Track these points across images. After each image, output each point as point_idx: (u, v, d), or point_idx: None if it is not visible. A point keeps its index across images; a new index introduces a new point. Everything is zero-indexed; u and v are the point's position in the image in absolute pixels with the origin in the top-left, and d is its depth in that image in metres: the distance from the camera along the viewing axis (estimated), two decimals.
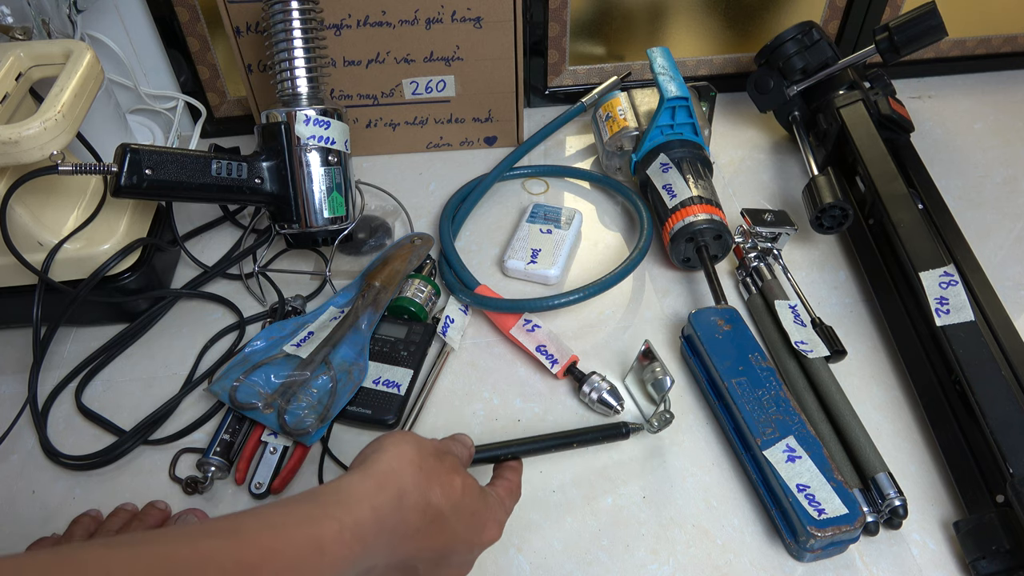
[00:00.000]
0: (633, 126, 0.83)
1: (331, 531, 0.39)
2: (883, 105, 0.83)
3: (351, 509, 0.41)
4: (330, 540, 0.39)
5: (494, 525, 0.50)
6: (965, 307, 0.63)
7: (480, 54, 0.85)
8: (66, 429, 0.67)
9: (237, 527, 0.38)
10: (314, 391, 0.65)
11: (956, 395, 0.62)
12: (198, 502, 0.62)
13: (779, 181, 0.90)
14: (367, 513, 0.41)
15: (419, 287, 0.73)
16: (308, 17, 0.71)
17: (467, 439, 0.54)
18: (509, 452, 0.57)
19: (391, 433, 0.48)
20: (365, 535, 0.41)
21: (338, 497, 0.42)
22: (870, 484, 0.59)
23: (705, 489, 0.61)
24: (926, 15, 0.78)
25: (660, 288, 0.77)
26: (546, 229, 0.80)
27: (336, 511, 0.40)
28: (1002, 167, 0.90)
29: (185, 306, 0.77)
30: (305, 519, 0.39)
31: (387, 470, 0.44)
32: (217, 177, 0.68)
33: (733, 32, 0.98)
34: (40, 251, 0.66)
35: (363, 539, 0.40)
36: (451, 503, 0.46)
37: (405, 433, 0.48)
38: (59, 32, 0.77)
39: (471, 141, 0.94)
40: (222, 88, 0.94)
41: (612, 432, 0.62)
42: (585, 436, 0.61)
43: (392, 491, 0.43)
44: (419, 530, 0.44)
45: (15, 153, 0.59)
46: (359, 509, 0.41)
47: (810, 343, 0.67)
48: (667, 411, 0.62)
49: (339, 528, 0.39)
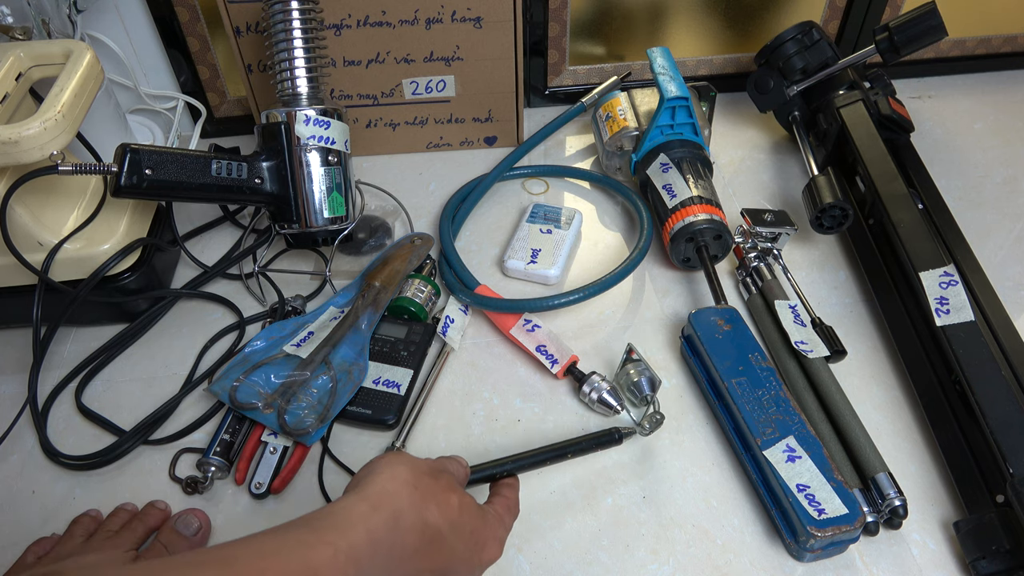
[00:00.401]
0: (633, 126, 0.83)
1: (325, 556, 0.39)
2: (883, 105, 0.83)
3: (345, 533, 0.40)
4: (324, 565, 0.38)
5: (494, 543, 0.49)
6: (965, 307, 0.63)
7: (480, 54, 0.85)
8: (66, 429, 0.67)
9: (229, 556, 0.38)
10: (314, 391, 0.65)
11: (956, 395, 0.62)
12: (198, 502, 0.62)
13: (779, 181, 0.90)
14: (362, 536, 0.41)
15: (419, 287, 0.73)
16: (308, 17, 0.71)
17: (462, 459, 0.54)
18: (504, 470, 0.56)
19: (384, 455, 0.48)
20: (360, 558, 0.40)
21: (332, 521, 0.41)
22: (870, 484, 0.59)
23: (705, 489, 0.61)
24: (926, 15, 0.78)
25: (660, 288, 0.77)
26: (546, 229, 0.80)
27: (330, 535, 0.40)
28: (1002, 167, 0.90)
29: (185, 306, 0.77)
30: (298, 545, 0.39)
31: (381, 491, 0.43)
32: (217, 177, 0.68)
33: (733, 32, 0.98)
34: (40, 251, 0.66)
35: (358, 562, 0.40)
36: (448, 522, 0.45)
37: (398, 454, 0.48)
38: (59, 32, 0.77)
39: (471, 141, 0.94)
40: (222, 88, 0.94)
41: (605, 439, 0.61)
42: (579, 446, 0.60)
43: (387, 512, 0.42)
44: (417, 551, 0.43)
45: (15, 153, 0.59)
46: (353, 532, 0.40)
47: (810, 343, 0.67)
48: (657, 412, 0.62)
49: (333, 552, 0.39)
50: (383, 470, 0.45)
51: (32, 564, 0.56)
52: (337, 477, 0.63)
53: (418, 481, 0.45)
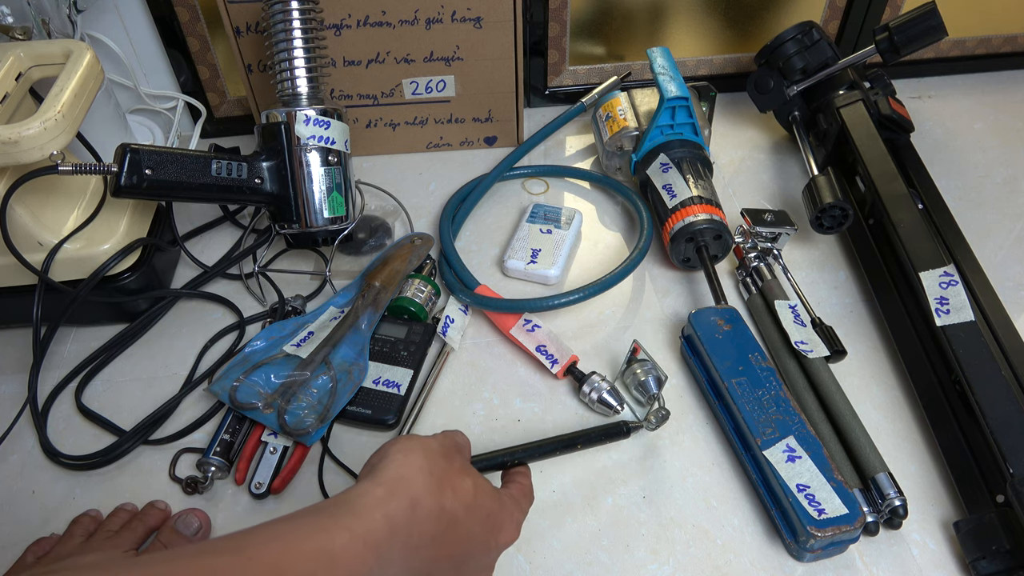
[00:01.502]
0: (633, 126, 0.83)
1: (342, 540, 0.38)
2: (883, 105, 0.83)
3: (362, 518, 0.40)
4: (341, 550, 0.38)
5: (511, 525, 0.48)
6: (965, 307, 0.63)
7: (480, 54, 0.85)
8: (66, 429, 0.67)
9: (243, 543, 0.37)
10: (314, 391, 0.65)
11: (956, 395, 0.62)
12: (198, 502, 0.62)
13: (779, 181, 0.90)
14: (379, 521, 0.40)
15: (419, 287, 0.73)
16: (308, 17, 0.71)
17: (461, 433, 0.53)
18: (515, 458, 0.56)
19: (396, 440, 0.47)
20: (378, 544, 0.39)
21: (348, 507, 0.40)
22: (870, 484, 0.59)
23: (705, 489, 0.61)
24: (926, 15, 0.78)
25: (660, 288, 0.77)
26: (546, 229, 0.80)
27: (346, 520, 0.39)
28: (1002, 167, 0.90)
29: (185, 306, 0.77)
30: (314, 530, 0.38)
31: (396, 477, 0.43)
32: (217, 177, 0.68)
33: (733, 32, 0.98)
34: (40, 251, 0.66)
35: (376, 548, 0.39)
36: (464, 506, 0.44)
37: (410, 438, 0.47)
38: (59, 32, 0.77)
39: (471, 141, 0.94)
40: (222, 88, 0.94)
41: (614, 431, 0.62)
42: (587, 436, 0.61)
43: (404, 499, 0.42)
44: (434, 538, 0.43)
45: (15, 153, 0.59)
46: (370, 517, 0.40)
47: (810, 343, 0.67)
48: (662, 407, 0.63)
49: (350, 537, 0.38)
50: (396, 455, 0.44)
51: (32, 564, 0.56)
52: (337, 477, 0.63)
53: (433, 466, 0.44)
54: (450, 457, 0.47)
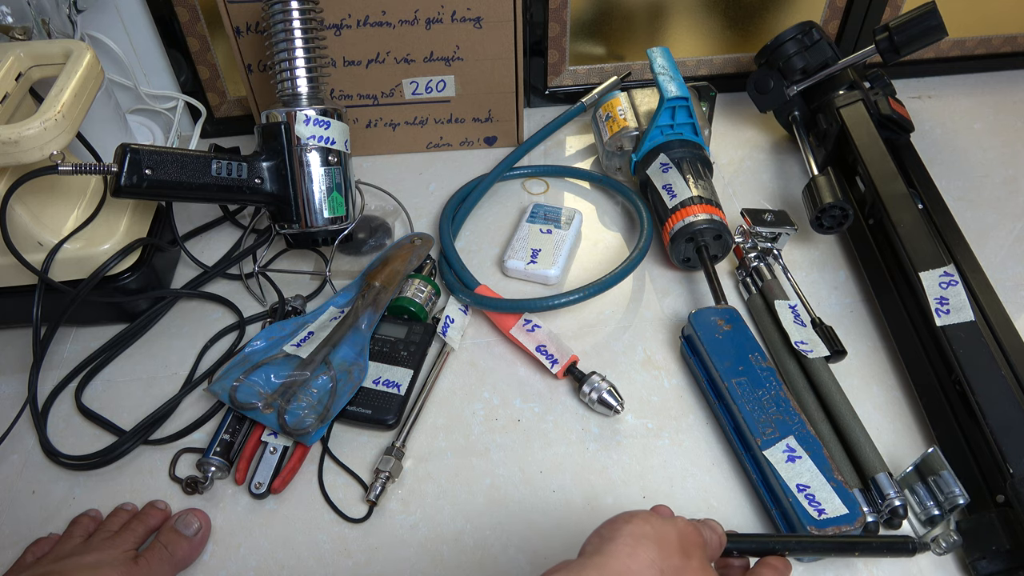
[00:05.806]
0: (633, 126, 0.83)
1: None
2: (883, 105, 0.83)
3: None
4: None
5: None
6: (965, 307, 0.63)
7: (480, 54, 0.85)
8: (66, 429, 0.67)
9: None
10: (314, 391, 0.65)
11: (956, 395, 0.62)
12: (198, 502, 0.62)
13: (779, 181, 0.90)
14: None
15: (419, 287, 0.73)
16: (308, 17, 0.71)
17: (718, 526, 0.46)
18: (780, 548, 0.49)
19: (631, 516, 0.41)
20: None
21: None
22: (870, 484, 0.58)
23: (705, 489, 0.61)
24: (926, 15, 0.78)
25: (660, 288, 0.77)
26: (546, 229, 0.80)
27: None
28: (1002, 167, 0.90)
29: (185, 306, 0.77)
30: None
31: (622, 570, 0.38)
32: (217, 177, 0.68)
33: (733, 32, 0.98)
34: (40, 251, 0.66)
35: None
36: None
37: (646, 519, 0.41)
38: (59, 32, 0.77)
39: (471, 141, 0.94)
40: (222, 88, 0.94)
41: (898, 547, 0.51)
42: (867, 546, 0.52)
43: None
44: None
45: (15, 153, 0.59)
46: None
47: (810, 343, 0.67)
48: (953, 532, 0.54)
49: None
50: (625, 541, 0.40)
51: (31, 564, 0.56)
52: (337, 477, 0.63)
53: (665, 563, 0.39)
54: (688, 553, 0.41)
